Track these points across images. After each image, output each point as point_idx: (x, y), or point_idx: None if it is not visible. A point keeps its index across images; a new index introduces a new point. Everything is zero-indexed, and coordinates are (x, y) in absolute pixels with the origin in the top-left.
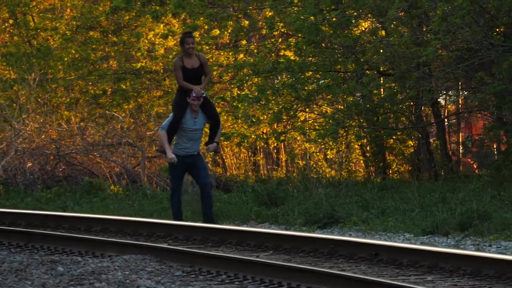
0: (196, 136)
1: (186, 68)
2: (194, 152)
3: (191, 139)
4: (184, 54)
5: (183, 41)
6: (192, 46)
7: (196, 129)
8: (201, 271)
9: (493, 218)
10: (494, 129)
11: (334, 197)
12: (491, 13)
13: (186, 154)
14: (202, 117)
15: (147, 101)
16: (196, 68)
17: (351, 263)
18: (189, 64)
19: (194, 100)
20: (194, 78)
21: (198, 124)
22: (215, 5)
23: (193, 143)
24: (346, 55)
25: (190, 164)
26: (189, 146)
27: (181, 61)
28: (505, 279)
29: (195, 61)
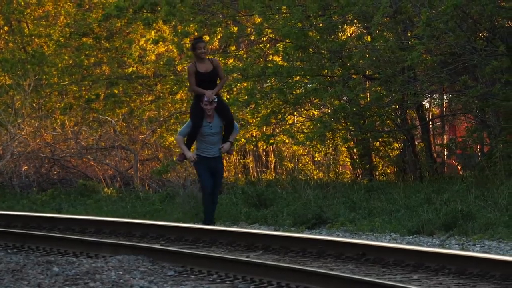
0: (215, 139)
1: (200, 73)
2: (216, 154)
3: (210, 143)
4: (197, 59)
5: (195, 46)
6: (204, 50)
7: (213, 133)
8: (193, 271)
9: (477, 218)
10: (478, 132)
11: (322, 198)
12: (474, 18)
13: (209, 156)
14: (218, 120)
15: (139, 105)
16: (210, 71)
17: (339, 262)
18: (203, 68)
19: (207, 105)
20: (209, 81)
21: (214, 128)
22: (205, 12)
23: (213, 147)
24: (333, 60)
25: (213, 167)
26: (210, 149)
27: (195, 66)
28: (489, 278)
29: (208, 65)
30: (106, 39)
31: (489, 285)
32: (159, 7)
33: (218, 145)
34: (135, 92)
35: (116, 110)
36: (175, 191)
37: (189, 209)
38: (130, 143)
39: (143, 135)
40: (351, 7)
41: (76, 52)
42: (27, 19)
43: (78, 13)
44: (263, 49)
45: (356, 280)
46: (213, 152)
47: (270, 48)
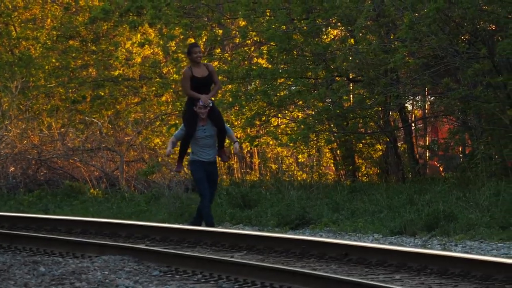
0: (209, 142)
1: (196, 77)
2: (212, 158)
3: (205, 146)
4: (192, 64)
5: (190, 51)
6: (199, 55)
7: (207, 135)
8: (178, 271)
9: (459, 219)
10: (459, 133)
11: (306, 199)
12: (456, 21)
13: (206, 161)
14: (211, 124)
15: (125, 107)
16: (205, 76)
17: (322, 262)
18: (199, 73)
19: (201, 108)
20: (204, 86)
21: (208, 131)
22: (190, 15)
23: (209, 149)
24: (316, 63)
25: (210, 172)
26: (205, 152)
27: (191, 71)
28: (470, 278)
29: (203, 70)
30: (92, 42)
31: (471, 285)
32: (145, 10)
33: (214, 148)
34: (121, 94)
35: (102, 112)
36: (160, 192)
37: (174, 210)
38: (116, 144)
39: (129, 137)
40: (334, 10)
41: (63, 54)
42: (14, 22)
43: (64, 16)
44: (248, 52)
45: (339, 280)
46: (208, 156)
47: (255, 50)
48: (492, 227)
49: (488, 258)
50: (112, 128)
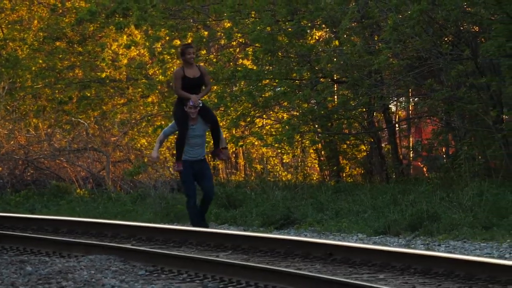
0: (198, 142)
1: (188, 78)
2: (200, 156)
3: (194, 145)
4: (185, 64)
5: (184, 51)
6: (193, 55)
7: (196, 135)
8: (163, 270)
9: (442, 219)
10: (443, 134)
11: (290, 199)
12: (439, 23)
13: (193, 159)
14: (201, 124)
15: (111, 108)
16: (197, 77)
17: (306, 262)
18: (191, 74)
19: (191, 108)
20: (195, 87)
21: (198, 130)
22: (175, 17)
23: (197, 148)
24: (301, 64)
25: (198, 170)
26: (194, 151)
27: (182, 71)
28: (454, 277)
29: (195, 71)
30: (79, 43)
31: (454, 284)
32: (131, 12)
33: (203, 147)
34: (107, 95)
35: (88, 113)
36: (146, 192)
37: (160, 210)
38: (102, 145)
39: (115, 137)
40: (319, 12)
41: (50, 55)
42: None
43: (51, 17)
44: (233, 53)
45: (323, 280)
46: (197, 154)
47: (240, 52)
48: (475, 227)
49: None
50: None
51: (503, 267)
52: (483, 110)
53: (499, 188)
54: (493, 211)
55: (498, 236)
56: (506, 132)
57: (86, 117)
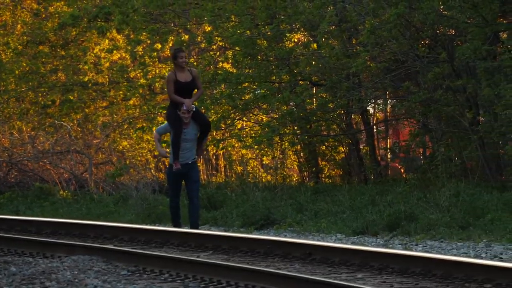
0: (188, 145)
1: (179, 82)
2: (189, 160)
3: (184, 149)
4: (177, 68)
5: (176, 55)
6: (185, 60)
7: (187, 139)
8: (145, 270)
9: (420, 219)
10: (420, 135)
11: (270, 200)
12: (416, 27)
13: (183, 163)
14: (192, 128)
15: (94, 111)
16: (189, 81)
17: (286, 262)
18: (182, 78)
19: (185, 113)
20: (187, 91)
21: (188, 135)
22: (157, 21)
23: (186, 152)
24: (280, 67)
25: (186, 174)
26: (184, 155)
27: (174, 75)
28: (431, 276)
29: (187, 75)
30: (61, 47)
31: (431, 283)
32: (113, 16)
33: (193, 151)
34: (89, 98)
35: (71, 116)
36: (128, 194)
37: (142, 211)
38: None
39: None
40: (298, 16)
41: (33, 59)
42: None
43: (34, 22)
44: (213, 57)
45: (302, 279)
46: (186, 158)
47: (220, 55)
48: (452, 227)
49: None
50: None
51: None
52: (460, 112)
53: (476, 188)
54: (470, 211)
55: (474, 235)
56: (482, 133)
57: (69, 120)
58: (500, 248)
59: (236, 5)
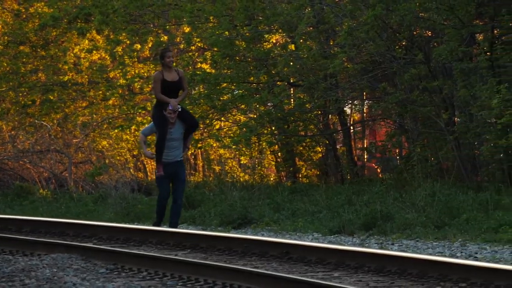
0: (175, 144)
1: (166, 81)
2: (177, 158)
3: (170, 148)
4: (164, 68)
5: (164, 55)
6: (172, 59)
7: (173, 138)
8: (124, 268)
9: (395, 219)
10: (396, 136)
11: (248, 199)
12: (393, 28)
13: (169, 161)
14: (178, 127)
15: (73, 111)
16: (176, 81)
17: (263, 260)
18: (169, 77)
19: (171, 113)
20: (173, 91)
21: (175, 134)
22: (136, 22)
23: (174, 150)
24: (258, 68)
25: (173, 172)
26: (170, 153)
27: (162, 74)
28: (407, 275)
29: (174, 75)
30: (42, 48)
31: (407, 282)
32: (93, 17)
33: (179, 149)
34: (69, 98)
35: (51, 115)
36: (107, 193)
37: (121, 210)
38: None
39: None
40: (276, 17)
41: (14, 59)
42: None
43: (15, 22)
44: (192, 57)
45: (279, 278)
46: (173, 156)
47: (199, 56)
48: (427, 227)
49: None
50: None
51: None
52: (436, 113)
53: (451, 188)
54: (445, 211)
55: (449, 235)
56: (458, 134)
57: (49, 120)
58: (475, 247)
59: (215, 6)
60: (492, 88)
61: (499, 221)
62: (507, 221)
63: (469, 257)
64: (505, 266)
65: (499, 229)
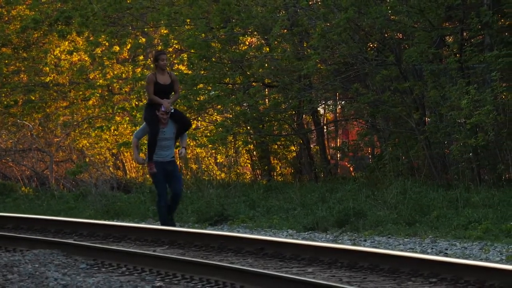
0: (167, 144)
1: (159, 83)
2: (169, 158)
3: (163, 147)
4: (157, 70)
5: (157, 58)
6: (165, 62)
7: (166, 137)
8: (104, 264)
9: (368, 216)
10: (369, 135)
11: (224, 197)
12: (365, 30)
13: (164, 161)
14: (171, 126)
15: (54, 110)
16: (168, 84)
17: (239, 256)
18: (162, 80)
19: (163, 114)
20: (165, 93)
21: (167, 133)
22: (115, 24)
23: (167, 150)
24: (234, 69)
25: (169, 171)
26: (163, 153)
27: (155, 76)
28: (379, 271)
29: (167, 78)
30: (23, 49)
31: (379, 277)
32: (73, 20)
33: (172, 148)
34: (50, 99)
35: (33, 115)
36: (87, 190)
37: (101, 207)
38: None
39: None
40: (251, 20)
41: None
42: None
43: None
44: (169, 59)
45: (255, 273)
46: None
47: (176, 57)
48: (399, 224)
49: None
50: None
51: (426, 261)
52: (407, 113)
53: (422, 186)
54: (416, 208)
55: (420, 232)
56: (428, 134)
57: (30, 119)
58: (445, 244)
59: (192, 9)
60: (461, 89)
61: (469, 218)
62: (476, 218)
63: (440, 253)
64: (474, 262)
65: (469, 226)
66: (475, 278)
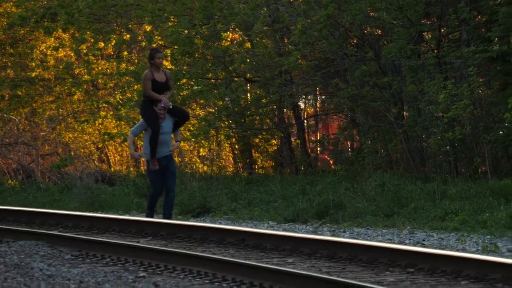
0: (165, 139)
1: (156, 81)
2: (167, 153)
3: (161, 142)
4: (153, 68)
5: (153, 55)
6: (161, 60)
7: (164, 132)
8: (88, 254)
9: (347, 208)
10: (348, 129)
11: (206, 189)
12: (345, 27)
13: (160, 156)
14: (168, 122)
15: (40, 105)
16: (163, 82)
17: (221, 247)
18: (158, 77)
19: (161, 110)
20: (161, 90)
21: (166, 128)
22: (100, 21)
23: (164, 145)
24: (216, 64)
25: (165, 166)
26: (161, 149)
27: (151, 73)
28: (357, 261)
29: (162, 76)
30: (10, 45)
31: (358, 267)
32: (59, 17)
33: (169, 144)
34: (36, 93)
35: (19, 110)
36: (72, 183)
37: (85, 199)
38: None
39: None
40: (233, 17)
41: None
42: None
43: None
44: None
45: (236, 263)
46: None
47: None
48: (377, 215)
49: (373, 243)
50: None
51: (403, 252)
52: (385, 107)
53: (400, 179)
54: (394, 201)
55: (398, 223)
56: (407, 127)
57: (17, 114)
58: (423, 235)
59: (175, 6)
60: (439, 84)
61: (446, 210)
62: (453, 209)
63: (417, 244)
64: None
65: (445, 217)
66: (452, 268)
